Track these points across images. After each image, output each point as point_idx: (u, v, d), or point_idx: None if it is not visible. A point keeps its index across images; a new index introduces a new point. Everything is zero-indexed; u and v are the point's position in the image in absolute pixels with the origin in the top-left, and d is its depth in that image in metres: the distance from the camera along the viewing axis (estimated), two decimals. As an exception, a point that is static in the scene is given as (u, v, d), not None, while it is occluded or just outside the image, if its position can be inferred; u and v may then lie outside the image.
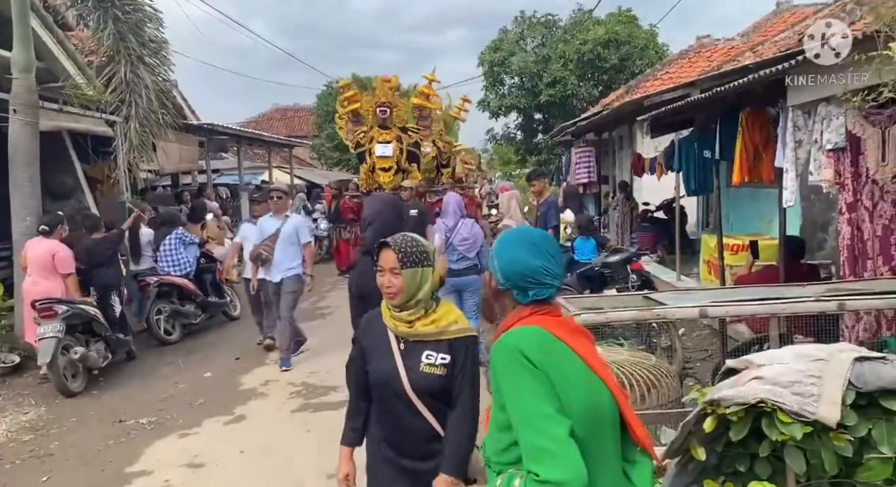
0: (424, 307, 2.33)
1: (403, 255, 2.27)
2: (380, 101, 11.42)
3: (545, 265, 1.86)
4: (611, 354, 4.46)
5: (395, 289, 2.27)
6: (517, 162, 25.35)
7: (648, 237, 10.77)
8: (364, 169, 11.70)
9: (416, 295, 2.29)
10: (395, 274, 2.27)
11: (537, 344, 1.74)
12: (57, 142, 9.20)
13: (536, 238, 1.94)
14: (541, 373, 1.67)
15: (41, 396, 6.04)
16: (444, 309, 2.38)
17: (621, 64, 20.69)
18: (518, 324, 1.83)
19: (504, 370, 1.72)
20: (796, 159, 4.85)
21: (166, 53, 7.77)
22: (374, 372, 2.36)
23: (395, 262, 2.27)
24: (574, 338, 1.85)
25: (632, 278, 6.50)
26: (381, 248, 2.32)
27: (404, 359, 2.31)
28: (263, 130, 24.04)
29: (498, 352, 1.75)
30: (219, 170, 18.92)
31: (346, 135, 12.07)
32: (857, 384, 2.05)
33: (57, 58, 9.39)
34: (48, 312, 5.98)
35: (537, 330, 1.79)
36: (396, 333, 2.35)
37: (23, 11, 7.06)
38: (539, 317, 1.84)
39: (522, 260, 1.85)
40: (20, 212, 6.97)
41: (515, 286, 1.85)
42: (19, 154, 6.98)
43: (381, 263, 2.30)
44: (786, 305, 3.34)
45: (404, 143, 11.45)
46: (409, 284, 2.27)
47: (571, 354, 1.79)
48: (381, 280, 2.31)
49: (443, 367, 2.29)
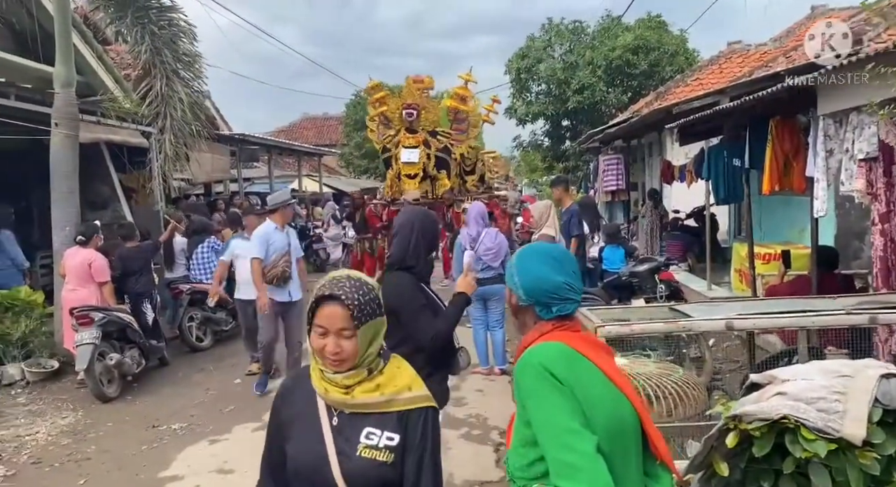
0: (368, 366, 1.72)
1: (358, 310, 1.65)
2: (406, 103, 10.80)
3: (567, 280, 1.89)
4: (637, 366, 4.45)
5: (346, 355, 1.66)
6: (544, 169, 25.25)
7: (678, 245, 10.67)
8: (390, 175, 11.15)
9: (365, 354, 1.70)
10: (344, 338, 1.65)
11: (561, 359, 1.75)
12: (95, 154, 9.48)
13: (557, 254, 1.97)
14: (566, 389, 1.69)
15: (79, 401, 6.22)
16: (394, 369, 1.78)
17: (651, 70, 20.52)
18: (540, 340, 1.85)
19: (529, 387, 1.74)
20: (827, 169, 4.78)
21: (199, 67, 7.96)
22: (294, 456, 1.73)
23: (346, 321, 1.65)
24: (596, 353, 1.87)
25: (660, 288, 6.45)
26: (321, 302, 1.67)
27: (337, 439, 1.70)
28: (293, 139, 24.40)
29: (522, 369, 1.77)
30: (250, 179, 19.25)
31: (377, 139, 11.55)
32: (884, 401, 2.02)
33: (96, 72, 9.72)
34: (85, 319, 6.16)
35: (560, 345, 1.81)
36: (327, 401, 1.72)
37: (65, 29, 7.31)
38: (561, 333, 1.87)
39: (546, 277, 1.87)
40: (60, 222, 7.20)
41: (538, 302, 1.88)
42: (60, 166, 7.21)
43: (324, 322, 1.66)
44: (815, 318, 3.29)
45: (432, 149, 10.83)
46: (362, 345, 1.68)
47: (594, 369, 1.80)
48: (319, 344, 1.67)
49: (388, 451, 1.68)
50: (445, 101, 11.47)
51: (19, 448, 5.17)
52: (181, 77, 7.13)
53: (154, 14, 7.09)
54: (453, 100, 11.31)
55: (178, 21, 7.82)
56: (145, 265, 7.41)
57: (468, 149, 11.58)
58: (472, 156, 11.82)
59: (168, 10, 7.45)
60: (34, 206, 9.95)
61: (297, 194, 20.00)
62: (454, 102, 11.24)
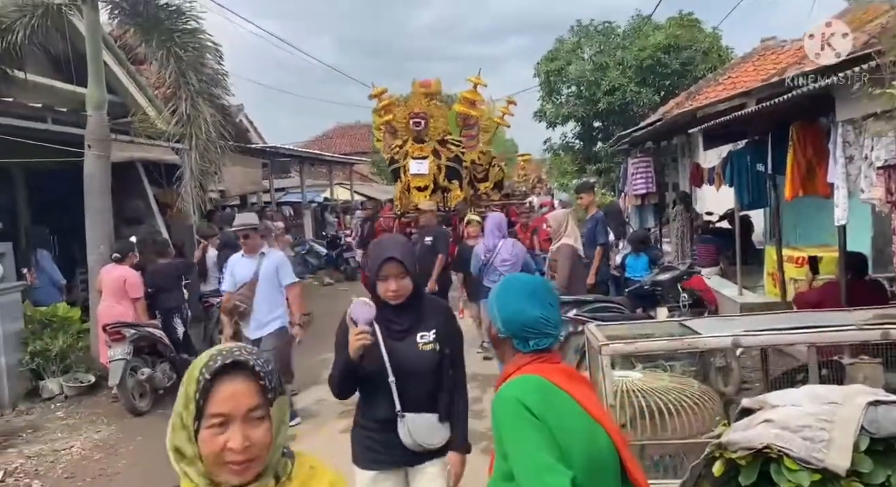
0: (275, 470, 1.30)
1: (269, 379, 1.27)
2: (413, 112, 10.22)
3: (545, 315, 1.90)
4: (652, 381, 4.41)
5: (256, 451, 1.24)
6: (574, 172, 25.00)
7: (711, 249, 10.45)
8: (399, 188, 10.56)
9: (275, 450, 1.29)
10: (254, 424, 1.24)
11: (537, 393, 1.77)
12: (130, 171, 9.83)
13: (535, 286, 1.98)
14: (540, 423, 1.70)
15: (112, 415, 6.45)
16: (306, 471, 1.35)
17: (683, 69, 20.20)
18: (517, 373, 1.87)
19: (504, 421, 1.75)
20: (847, 175, 4.67)
21: (225, 86, 8.18)
22: None
23: (256, 397, 1.24)
24: (573, 386, 1.88)
25: (683, 297, 6.36)
26: (218, 378, 1.23)
27: None
28: (326, 148, 24.79)
29: (498, 404, 1.80)
30: (284, 189, 19.62)
31: (385, 150, 10.93)
32: (871, 429, 1.99)
33: (129, 92, 10.08)
34: (117, 335, 6.39)
35: (537, 378, 1.83)
36: None
37: (96, 53, 7.61)
38: (537, 365, 1.88)
39: (522, 311, 1.88)
40: (94, 241, 7.47)
41: (516, 335, 1.89)
42: (93, 186, 7.49)
43: (225, 406, 1.22)
44: (824, 334, 3.23)
45: (443, 158, 10.26)
46: (274, 434, 1.27)
47: (571, 402, 1.82)
48: (215, 444, 1.22)
49: None
50: (454, 107, 10.88)
51: (55, 462, 5.40)
52: (205, 97, 7.32)
53: (179, 37, 7.31)
54: (462, 104, 10.72)
55: (205, 40, 8.02)
56: (176, 281, 7.63)
57: (479, 154, 11.08)
58: (485, 162, 11.25)
59: (193, 33, 7.66)
60: (75, 223, 10.37)
61: (329, 203, 20.28)
62: (463, 107, 10.64)
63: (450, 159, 10.31)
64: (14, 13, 7.43)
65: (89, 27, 7.61)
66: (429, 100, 10.46)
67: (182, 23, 7.72)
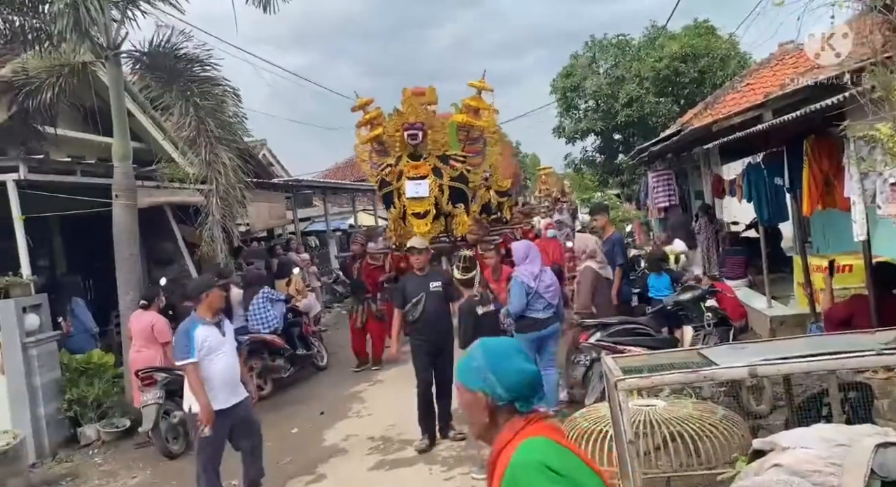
0: None
1: None
2: (408, 123, 8.41)
3: (537, 368, 1.95)
4: (676, 409, 4.37)
5: None
6: (595, 187, 24.89)
7: (739, 261, 10.27)
8: (392, 216, 8.80)
9: None
10: None
11: (554, 453, 1.79)
12: (159, 213, 10.12)
13: (517, 344, 2.03)
14: (567, 481, 1.73)
15: (147, 459, 6.57)
16: None
17: (701, 77, 20.11)
18: (520, 438, 1.84)
19: (533, 485, 1.73)
20: (863, 190, 4.60)
21: (244, 128, 8.39)
22: None
23: None
24: (570, 442, 1.92)
25: (707, 316, 6.27)
26: None
27: None
28: (350, 174, 25.03)
29: (522, 472, 1.75)
30: (309, 218, 19.88)
31: (371, 172, 9.17)
32: (881, 473, 1.97)
33: (155, 139, 10.41)
34: (149, 380, 6.55)
35: (546, 440, 1.83)
36: None
37: (119, 108, 7.89)
38: (535, 427, 1.87)
39: (523, 369, 1.88)
40: (125, 287, 7.69)
41: (521, 396, 1.86)
42: (122, 234, 7.72)
43: None
44: (843, 361, 3.18)
45: (445, 178, 8.59)
46: None
47: (578, 460, 1.85)
48: None
49: None
50: (455, 117, 9.00)
51: (93, 510, 5.53)
52: (224, 142, 7.53)
53: (197, 86, 7.54)
54: (464, 113, 8.89)
55: (223, 86, 8.25)
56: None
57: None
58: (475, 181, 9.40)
59: (211, 80, 7.90)
60: (108, 267, 10.67)
61: (354, 230, 20.48)
62: (466, 117, 8.83)
63: (453, 178, 8.67)
64: (43, 74, 7.76)
65: (112, 83, 7.90)
66: (425, 109, 8.67)
67: (200, 71, 7.97)
